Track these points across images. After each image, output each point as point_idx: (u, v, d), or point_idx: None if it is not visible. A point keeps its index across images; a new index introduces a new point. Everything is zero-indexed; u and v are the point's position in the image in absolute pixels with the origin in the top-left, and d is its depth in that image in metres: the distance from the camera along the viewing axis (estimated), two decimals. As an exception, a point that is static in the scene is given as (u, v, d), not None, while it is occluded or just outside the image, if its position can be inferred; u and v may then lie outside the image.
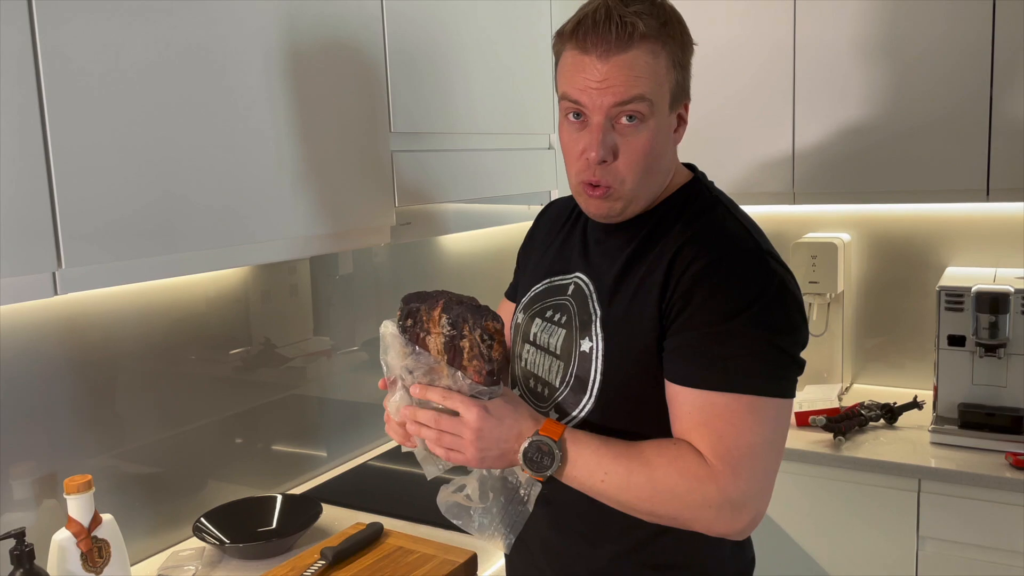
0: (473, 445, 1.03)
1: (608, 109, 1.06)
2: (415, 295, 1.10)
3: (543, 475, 1.05)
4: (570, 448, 1.05)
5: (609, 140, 1.07)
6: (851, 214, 2.54)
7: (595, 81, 1.05)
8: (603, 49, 1.04)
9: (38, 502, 1.45)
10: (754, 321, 1.02)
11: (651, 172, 1.10)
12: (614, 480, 1.04)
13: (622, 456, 1.04)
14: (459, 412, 1.03)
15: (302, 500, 1.77)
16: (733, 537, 1.06)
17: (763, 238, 1.12)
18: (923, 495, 1.97)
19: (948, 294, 2.10)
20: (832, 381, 2.44)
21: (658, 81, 1.06)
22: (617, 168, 1.08)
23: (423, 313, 1.07)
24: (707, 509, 1.02)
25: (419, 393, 1.06)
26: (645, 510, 1.05)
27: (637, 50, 1.04)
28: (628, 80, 1.04)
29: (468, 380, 1.04)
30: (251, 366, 1.88)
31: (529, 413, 1.07)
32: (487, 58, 1.94)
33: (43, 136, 1.09)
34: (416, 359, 1.07)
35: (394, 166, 1.67)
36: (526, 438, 1.04)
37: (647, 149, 1.08)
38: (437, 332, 1.05)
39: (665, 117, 1.09)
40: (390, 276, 2.27)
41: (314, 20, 1.47)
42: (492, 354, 1.04)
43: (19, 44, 1.06)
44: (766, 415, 1.03)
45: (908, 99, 2.13)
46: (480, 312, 1.04)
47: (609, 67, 1.04)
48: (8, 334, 1.40)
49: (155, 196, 1.23)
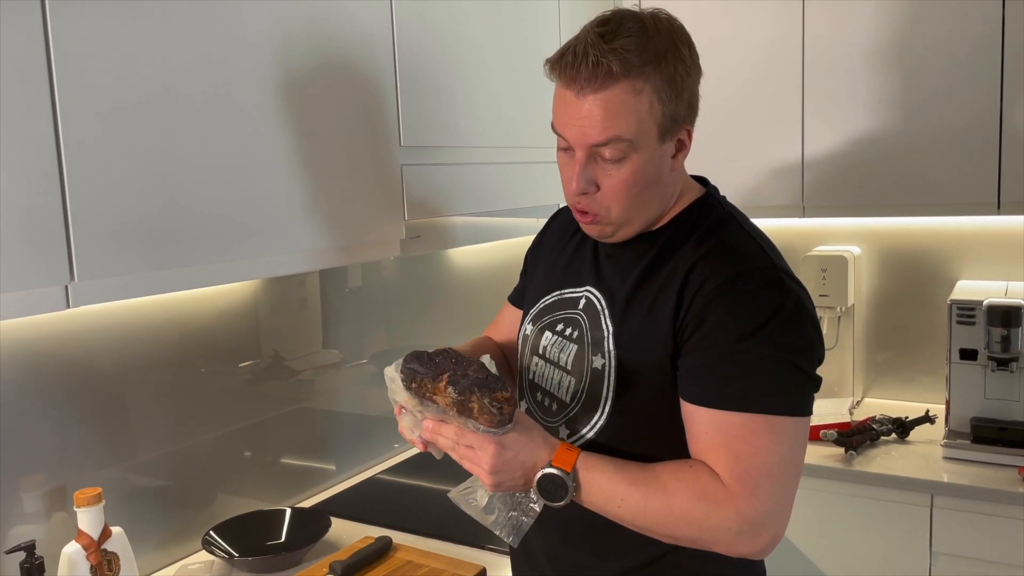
0: (489, 477, 1.03)
1: (587, 148, 1.06)
2: (416, 356, 1.04)
3: (558, 504, 1.04)
4: (584, 477, 1.04)
5: (588, 173, 1.07)
6: (861, 227, 2.53)
7: (575, 117, 1.05)
8: (580, 87, 1.03)
9: (48, 515, 1.45)
10: (770, 340, 1.02)
11: (640, 200, 1.09)
12: (631, 506, 1.03)
13: (638, 482, 1.03)
14: (474, 447, 1.02)
15: (311, 514, 1.77)
16: (753, 557, 1.05)
17: (777, 255, 1.11)
18: (936, 510, 1.95)
19: (960, 307, 2.09)
20: (843, 395, 2.43)
21: (639, 119, 1.03)
22: (600, 198, 1.09)
23: (427, 382, 1.02)
24: (726, 532, 1.01)
25: (433, 428, 1.04)
26: (664, 533, 1.05)
27: (615, 89, 1.02)
28: (604, 120, 1.03)
29: (480, 425, 1.02)
30: (260, 379, 1.88)
31: (543, 440, 1.05)
32: (495, 72, 1.95)
33: (56, 151, 1.10)
34: (426, 408, 1.04)
35: (403, 180, 1.67)
36: (540, 469, 1.04)
37: (630, 182, 1.07)
38: (444, 396, 1.02)
39: (654, 150, 1.07)
40: (399, 290, 2.27)
41: (326, 36, 1.48)
42: (503, 411, 1.01)
43: (33, 60, 1.07)
44: (784, 434, 1.02)
45: (918, 112, 2.13)
46: (488, 384, 1.01)
47: (587, 104, 1.03)
48: (19, 346, 1.41)
49: (166, 209, 1.24)
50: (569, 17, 2.23)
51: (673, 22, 1.07)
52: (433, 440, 1.06)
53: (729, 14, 2.33)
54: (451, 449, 1.05)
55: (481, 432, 1.02)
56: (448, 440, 1.04)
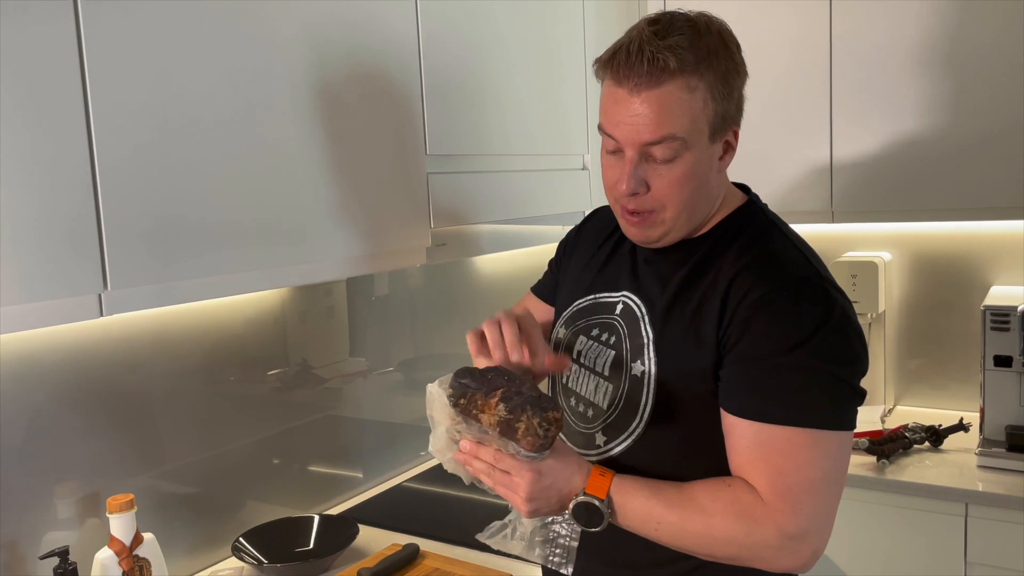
0: (525, 504, 1.03)
1: (639, 146, 1.04)
2: (468, 371, 1.03)
3: (594, 530, 1.04)
4: (618, 502, 1.04)
5: (640, 173, 1.06)
6: (892, 232, 2.50)
7: (627, 116, 1.04)
8: (634, 83, 1.02)
9: (81, 521, 1.47)
10: (815, 352, 1.00)
11: (692, 201, 1.08)
12: (668, 529, 1.03)
13: (674, 505, 1.02)
14: (511, 473, 1.02)
15: (339, 521, 1.77)
16: (795, 572, 1.04)
17: (821, 265, 1.10)
18: (971, 520, 1.91)
19: (993, 314, 2.05)
20: (874, 403, 2.40)
21: (692, 116, 1.03)
22: (653, 197, 1.07)
23: (478, 398, 1.01)
24: (767, 549, 1.00)
25: (470, 449, 1.04)
26: (704, 553, 1.04)
27: (670, 86, 1.01)
28: (659, 118, 1.02)
29: (520, 449, 1.01)
30: (288, 387, 1.89)
31: (577, 466, 1.05)
32: (520, 80, 1.96)
33: (90, 160, 1.12)
34: (467, 427, 1.03)
35: (429, 188, 1.68)
36: (574, 495, 1.03)
37: (682, 182, 1.06)
38: (492, 414, 1.01)
39: (705, 149, 1.06)
40: (425, 298, 2.28)
41: (353, 46, 1.50)
42: (548, 436, 1.00)
43: (67, 68, 1.09)
44: (827, 449, 1.01)
45: (949, 115, 2.10)
46: (541, 403, 1.00)
47: (640, 101, 1.02)
48: (52, 355, 1.43)
49: (197, 218, 1.26)
50: (594, 25, 2.24)
51: (722, 23, 1.08)
52: (468, 463, 1.05)
53: (754, 17, 2.32)
54: (486, 474, 1.04)
55: (520, 456, 1.01)
56: (484, 464, 1.03)
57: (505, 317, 1.09)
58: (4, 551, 1.36)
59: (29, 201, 1.06)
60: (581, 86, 2.20)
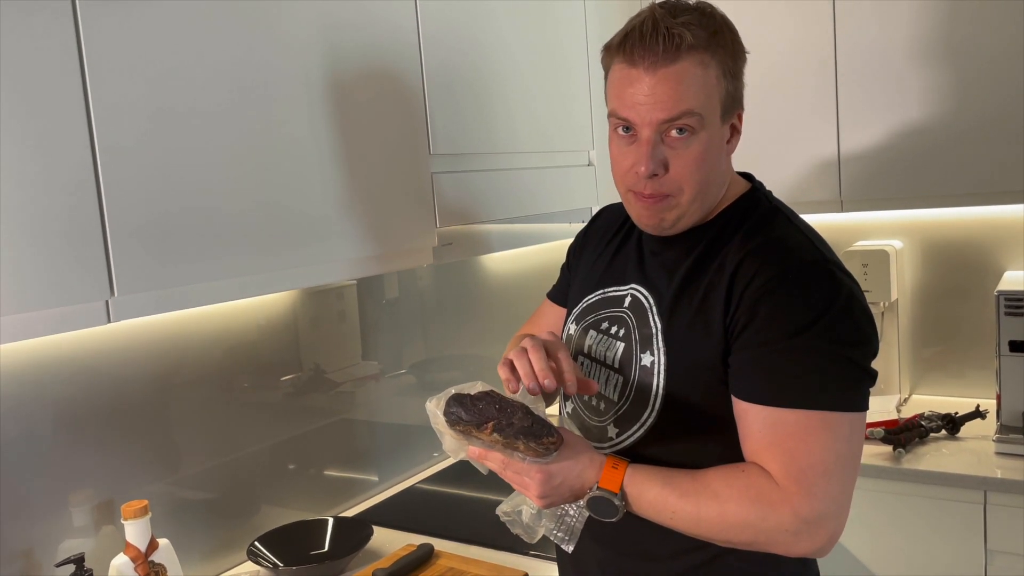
0: (539, 500, 1.03)
1: (657, 124, 1.05)
2: (458, 401, 1.01)
3: (609, 521, 1.04)
4: (632, 493, 1.03)
5: (659, 154, 1.06)
6: (902, 220, 2.48)
7: (643, 95, 1.04)
8: (651, 62, 1.03)
9: (97, 528, 1.48)
10: (823, 335, 1.00)
11: (706, 183, 1.08)
12: (684, 516, 1.02)
13: (689, 493, 1.02)
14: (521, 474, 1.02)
15: (354, 523, 1.78)
16: (813, 556, 1.04)
17: (827, 248, 1.10)
18: (990, 507, 1.89)
19: (1007, 299, 2.04)
20: (889, 392, 2.38)
21: (708, 93, 1.04)
22: (671, 178, 1.07)
23: (472, 428, 1.00)
24: (783, 533, 1.00)
25: (479, 455, 1.04)
26: (721, 539, 1.04)
27: (685, 62, 1.02)
28: (676, 94, 1.03)
29: (525, 457, 1.01)
30: (301, 392, 1.90)
31: (589, 460, 1.04)
32: (524, 77, 1.96)
33: (93, 164, 1.13)
34: (471, 441, 1.03)
35: (434, 187, 1.69)
36: (588, 489, 1.03)
37: (699, 161, 1.06)
38: (488, 439, 1.00)
39: (717, 128, 1.07)
40: (435, 299, 2.28)
41: (353, 46, 1.50)
42: (550, 451, 1.01)
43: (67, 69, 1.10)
44: (840, 431, 1.00)
45: (956, 101, 2.08)
46: (533, 432, 0.99)
47: (657, 80, 1.03)
48: (65, 362, 1.44)
49: (203, 222, 1.26)
50: (596, 21, 2.23)
51: (722, 11, 1.11)
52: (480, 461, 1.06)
53: (760, 14, 2.31)
54: (499, 471, 1.05)
55: (528, 462, 1.01)
56: (495, 464, 1.04)
57: (532, 346, 1.07)
58: (20, 559, 1.37)
59: (31, 206, 1.06)
60: (584, 82, 2.19)
